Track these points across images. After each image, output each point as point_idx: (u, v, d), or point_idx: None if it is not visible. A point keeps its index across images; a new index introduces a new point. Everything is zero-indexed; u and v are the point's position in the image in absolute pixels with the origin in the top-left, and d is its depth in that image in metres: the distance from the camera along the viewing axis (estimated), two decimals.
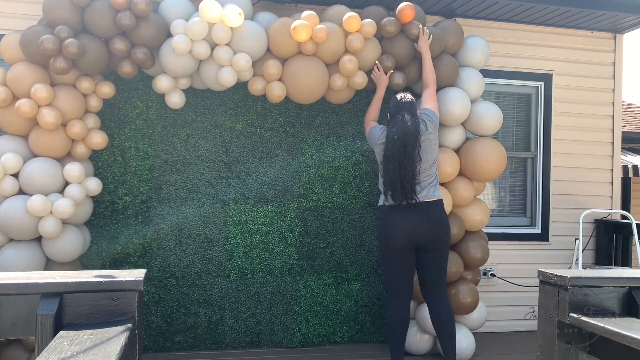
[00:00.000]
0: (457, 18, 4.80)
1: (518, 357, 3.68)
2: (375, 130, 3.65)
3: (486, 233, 4.36)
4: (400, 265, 3.47)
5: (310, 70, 3.75)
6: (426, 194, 3.47)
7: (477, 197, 4.27)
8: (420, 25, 3.84)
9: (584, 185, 5.21)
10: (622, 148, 7.19)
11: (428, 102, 3.71)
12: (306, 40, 3.64)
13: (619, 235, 5.20)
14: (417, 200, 3.42)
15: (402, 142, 3.40)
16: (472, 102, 4.16)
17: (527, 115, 5.20)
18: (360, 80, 3.87)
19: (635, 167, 7.63)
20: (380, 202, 3.58)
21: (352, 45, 3.72)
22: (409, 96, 3.60)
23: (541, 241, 5.10)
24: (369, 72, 3.95)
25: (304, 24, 3.58)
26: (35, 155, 3.57)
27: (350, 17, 3.68)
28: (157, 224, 4.09)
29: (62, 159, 3.64)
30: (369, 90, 4.27)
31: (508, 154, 4.47)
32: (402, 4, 3.81)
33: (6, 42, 3.54)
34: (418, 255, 3.52)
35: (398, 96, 3.60)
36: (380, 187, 3.59)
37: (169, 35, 3.62)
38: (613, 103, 5.27)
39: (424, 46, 3.85)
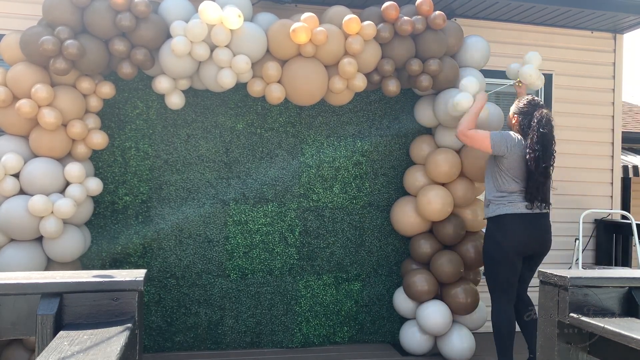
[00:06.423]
0: (457, 18, 4.81)
1: (518, 357, 3.67)
2: (507, 134, 3.52)
3: None
4: (515, 271, 3.51)
5: (309, 72, 3.74)
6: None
7: (478, 197, 4.28)
8: (519, 82, 3.91)
9: (584, 185, 5.21)
10: (622, 148, 7.18)
11: None
12: (305, 42, 3.64)
13: (619, 235, 5.20)
14: (548, 209, 3.53)
15: (546, 145, 3.44)
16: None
17: None
18: (360, 82, 3.85)
19: (635, 167, 7.62)
20: (503, 211, 3.47)
21: (351, 48, 3.71)
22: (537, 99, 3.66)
23: None
24: (368, 75, 3.93)
25: (303, 26, 3.57)
26: (35, 156, 3.58)
27: (350, 20, 3.66)
28: (157, 224, 4.09)
29: (63, 159, 3.64)
30: (369, 91, 4.27)
31: None
32: (386, 4, 3.79)
33: (6, 42, 3.54)
34: (524, 260, 3.58)
35: (535, 98, 3.62)
36: (500, 194, 3.51)
37: (169, 36, 3.62)
38: (613, 103, 5.27)
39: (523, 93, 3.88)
